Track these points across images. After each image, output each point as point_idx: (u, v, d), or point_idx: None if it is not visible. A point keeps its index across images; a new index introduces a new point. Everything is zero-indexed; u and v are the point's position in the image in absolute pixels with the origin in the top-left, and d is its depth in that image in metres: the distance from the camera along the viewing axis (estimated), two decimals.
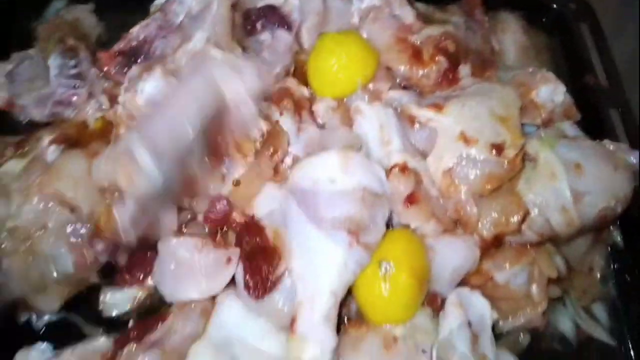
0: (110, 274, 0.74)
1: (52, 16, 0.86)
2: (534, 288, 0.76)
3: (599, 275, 0.84)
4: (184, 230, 0.76)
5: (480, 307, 0.73)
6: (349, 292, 0.68)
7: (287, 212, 0.70)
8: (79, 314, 0.73)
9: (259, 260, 0.67)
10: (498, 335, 0.74)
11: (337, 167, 0.69)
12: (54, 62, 0.80)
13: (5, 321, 0.71)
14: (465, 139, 0.74)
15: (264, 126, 0.74)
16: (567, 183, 0.72)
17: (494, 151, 0.73)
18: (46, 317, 0.73)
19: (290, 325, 0.64)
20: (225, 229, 0.75)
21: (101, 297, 0.74)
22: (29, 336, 0.71)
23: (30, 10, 0.88)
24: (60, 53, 0.80)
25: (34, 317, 0.73)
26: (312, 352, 0.62)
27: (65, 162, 0.72)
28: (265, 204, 0.72)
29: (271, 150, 0.74)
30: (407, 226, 0.73)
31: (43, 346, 0.68)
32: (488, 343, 0.71)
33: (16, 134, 0.79)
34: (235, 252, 0.70)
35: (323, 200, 0.67)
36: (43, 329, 0.72)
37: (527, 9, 1.03)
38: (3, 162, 0.73)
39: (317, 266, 0.66)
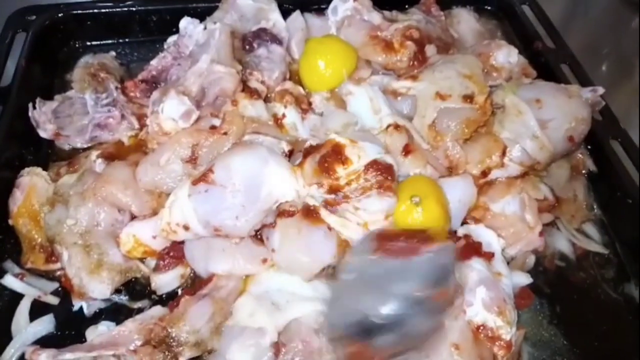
0: None
1: (82, 65, 1.02)
2: (527, 213, 0.87)
3: (583, 201, 0.95)
4: None
5: (487, 235, 0.84)
6: None
7: None
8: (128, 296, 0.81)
9: None
10: (507, 260, 0.84)
11: None
12: (89, 96, 0.95)
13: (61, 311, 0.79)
14: (441, 96, 0.89)
15: None
16: (532, 115, 0.86)
17: (466, 101, 0.87)
18: (97, 304, 0.79)
19: None
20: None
21: (152, 282, 0.82)
22: (84, 321, 0.78)
23: (65, 66, 1.06)
24: (93, 88, 0.96)
25: (84, 305, 0.79)
26: None
27: (112, 170, 0.84)
28: None
29: None
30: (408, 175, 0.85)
31: (106, 322, 0.77)
32: (500, 263, 0.82)
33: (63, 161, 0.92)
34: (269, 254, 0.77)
35: None
36: (94, 314, 0.79)
37: (475, 2, 1.21)
38: (59, 179, 0.86)
39: None
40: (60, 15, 1.07)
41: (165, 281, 0.82)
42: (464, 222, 0.86)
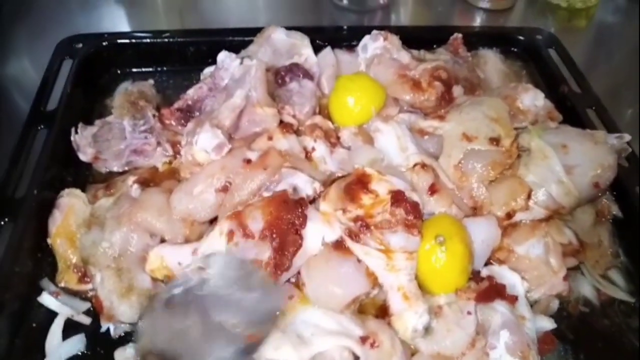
0: None
1: (122, 92, 1.08)
2: (551, 257, 0.87)
3: (608, 247, 0.95)
4: None
5: (511, 277, 0.85)
6: None
7: None
8: None
9: None
10: (531, 304, 0.84)
11: None
12: (128, 122, 0.99)
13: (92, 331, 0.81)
14: (467, 137, 0.91)
15: None
16: (558, 160, 0.87)
17: (492, 143, 0.89)
18: (123, 327, 0.81)
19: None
20: None
21: None
22: (114, 342, 0.79)
23: (106, 91, 1.11)
24: (132, 115, 1.00)
25: (112, 327, 0.81)
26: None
27: (147, 196, 0.87)
28: None
29: None
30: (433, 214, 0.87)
31: (135, 345, 0.78)
32: (524, 306, 0.82)
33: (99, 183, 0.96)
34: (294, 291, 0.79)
35: None
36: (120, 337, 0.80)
37: (501, 44, 1.24)
38: (96, 201, 0.90)
39: None
40: (104, 43, 1.14)
41: None
42: (487, 263, 0.87)
